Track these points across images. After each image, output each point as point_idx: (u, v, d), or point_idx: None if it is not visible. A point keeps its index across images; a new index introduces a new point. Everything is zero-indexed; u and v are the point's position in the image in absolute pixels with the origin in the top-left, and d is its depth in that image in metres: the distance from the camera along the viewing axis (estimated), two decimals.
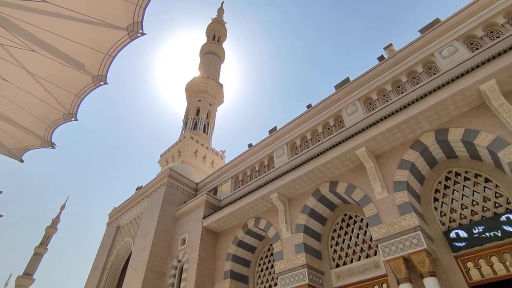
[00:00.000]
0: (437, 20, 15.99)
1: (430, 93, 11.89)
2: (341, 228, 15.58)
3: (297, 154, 19.37)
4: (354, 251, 14.40)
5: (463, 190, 12.28)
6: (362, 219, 14.88)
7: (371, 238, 13.58)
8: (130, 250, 22.77)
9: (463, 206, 11.96)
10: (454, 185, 12.63)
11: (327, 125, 19.00)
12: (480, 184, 11.98)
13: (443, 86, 11.62)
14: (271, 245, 17.68)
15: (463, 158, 12.63)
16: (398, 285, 10.85)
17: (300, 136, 19.92)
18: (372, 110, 16.80)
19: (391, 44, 18.18)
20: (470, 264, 10.88)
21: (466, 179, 12.44)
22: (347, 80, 18.76)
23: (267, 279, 17.41)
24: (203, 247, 18.65)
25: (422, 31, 16.24)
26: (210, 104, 49.44)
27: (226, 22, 68.50)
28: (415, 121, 12.44)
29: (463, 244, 11.04)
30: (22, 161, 9.90)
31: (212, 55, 59.36)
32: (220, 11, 71.80)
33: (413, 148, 12.85)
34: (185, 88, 52.35)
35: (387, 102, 16.15)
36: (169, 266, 19.39)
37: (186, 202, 22.62)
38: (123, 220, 25.71)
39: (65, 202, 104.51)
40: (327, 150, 14.43)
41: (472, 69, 11.02)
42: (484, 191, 11.74)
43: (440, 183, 13.06)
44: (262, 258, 18.63)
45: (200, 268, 17.62)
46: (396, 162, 13.07)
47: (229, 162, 24.21)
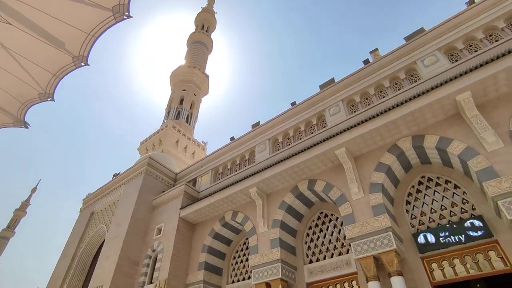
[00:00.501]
0: (422, 30, 16.46)
1: (410, 99, 12.26)
2: (316, 225, 15.91)
3: (278, 150, 19.52)
4: (328, 248, 14.77)
5: (434, 195, 12.82)
6: (337, 218, 15.25)
7: (345, 237, 13.95)
8: (103, 238, 22.32)
9: (433, 210, 12.50)
10: (426, 189, 13.15)
11: (309, 123, 19.23)
12: (449, 190, 12.55)
13: (423, 94, 12.01)
14: (247, 238, 17.81)
15: (436, 164, 13.16)
16: (367, 282, 11.23)
17: (282, 132, 20.07)
18: (354, 112, 17.15)
19: (377, 49, 18.56)
20: (434, 265, 11.42)
21: (437, 184, 12.98)
22: (332, 80, 19.02)
23: (241, 272, 17.57)
24: (179, 237, 18.54)
25: (407, 38, 16.67)
26: (195, 95, 48.77)
27: (216, 12, 67.46)
28: (394, 125, 12.81)
29: (429, 246, 11.56)
30: None
31: (199, 44, 58.38)
32: (211, 0, 70.55)
33: (390, 152, 13.25)
34: (170, 76, 51.31)
35: (369, 105, 16.51)
36: (143, 255, 19.16)
37: (164, 192, 22.36)
38: (98, 206, 25.11)
39: (36, 185, 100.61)
40: (308, 148, 14.63)
41: (451, 79, 11.45)
42: (453, 197, 12.32)
43: (413, 187, 13.57)
44: (237, 251, 18.76)
45: (174, 258, 17.53)
46: (374, 164, 13.44)
47: (210, 154, 24.08)
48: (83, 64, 7.76)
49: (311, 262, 14.95)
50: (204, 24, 63.52)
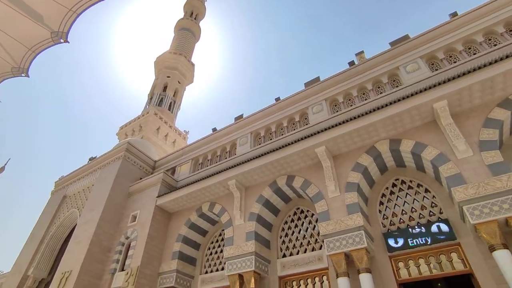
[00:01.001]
0: (406, 36, 16.87)
1: (391, 104, 12.62)
2: (292, 220, 16.18)
3: (260, 144, 19.60)
4: (302, 243, 15.08)
5: (406, 197, 13.34)
6: (312, 214, 15.56)
7: (319, 233, 14.28)
8: (75, 222, 21.73)
9: (403, 212, 13.02)
10: (399, 192, 13.66)
11: (292, 120, 19.39)
12: (420, 193, 13.09)
13: (403, 99, 12.39)
14: (223, 230, 17.88)
15: (410, 168, 13.67)
16: (337, 278, 11.60)
17: (265, 127, 20.15)
18: (337, 112, 17.44)
19: (362, 52, 18.89)
20: (401, 264, 11.95)
21: (409, 187, 13.50)
22: (318, 79, 19.21)
23: (215, 263, 17.65)
24: (154, 225, 18.34)
25: (392, 44, 17.06)
26: (179, 82, 47.93)
27: (206, 0, 66.19)
28: (374, 128, 13.15)
29: (398, 245, 12.05)
30: None
31: (187, 32, 57.22)
32: None
33: (368, 153, 13.62)
34: (154, 61, 50.09)
35: (351, 106, 16.83)
36: (116, 242, 18.83)
37: (141, 179, 21.99)
38: (71, 190, 24.38)
39: (5, 164, 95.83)
40: (290, 144, 14.79)
41: (430, 87, 11.86)
42: (423, 200, 12.86)
43: (387, 188, 14.05)
44: (212, 242, 18.81)
45: (148, 247, 17.34)
46: (351, 164, 13.78)
47: (191, 143, 23.84)
48: (62, 40, 7.43)
49: (284, 256, 15.23)
50: (193, 11, 62.27)
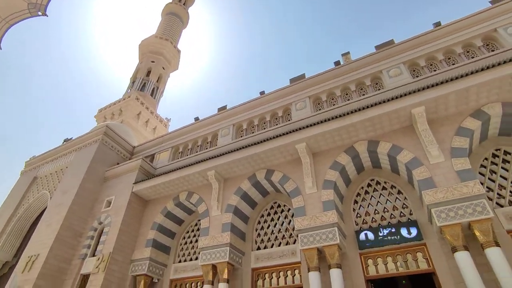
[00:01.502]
0: (391, 41, 17.29)
1: (372, 106, 12.95)
2: (269, 214, 16.40)
3: (241, 137, 19.61)
4: (276, 237, 15.34)
5: (379, 197, 13.83)
6: (289, 209, 15.83)
7: (294, 228, 14.57)
8: (45, 205, 21.02)
9: (376, 211, 13.50)
10: (373, 192, 14.13)
11: (275, 115, 19.49)
12: (393, 194, 13.61)
13: (384, 102, 12.73)
14: (199, 220, 17.85)
15: (386, 169, 14.14)
16: (308, 272, 11.92)
17: (247, 120, 20.15)
18: (319, 110, 17.69)
19: (348, 52, 19.21)
20: (370, 261, 12.43)
21: (384, 188, 13.99)
22: (303, 76, 19.36)
23: (189, 253, 17.66)
24: (129, 212, 18.05)
25: (377, 47, 17.42)
26: (163, 68, 46.85)
27: None
28: (354, 128, 13.47)
29: (368, 243, 12.52)
30: None
31: (174, 17, 55.80)
32: None
33: (346, 153, 13.95)
34: (139, 44, 48.62)
35: (334, 105, 17.12)
36: (88, 227, 18.40)
37: (118, 164, 21.50)
38: (43, 171, 23.49)
39: None
40: (271, 139, 14.89)
41: (410, 93, 12.27)
42: (395, 201, 13.38)
43: (362, 188, 14.49)
44: (188, 232, 18.77)
45: (122, 233, 17.07)
46: (330, 162, 14.08)
47: (172, 131, 23.50)
48: (40, 13, 7.08)
49: (259, 248, 15.45)
50: None
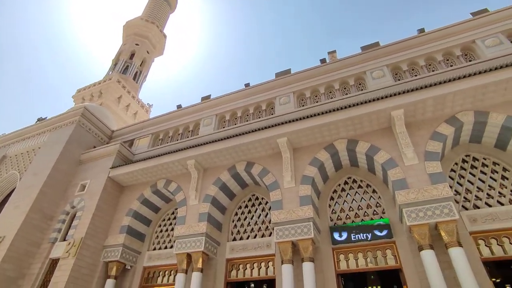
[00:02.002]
0: (377, 43, 17.64)
1: (355, 105, 13.22)
2: (246, 206, 16.53)
3: (224, 127, 19.53)
4: (253, 229, 15.51)
5: (355, 195, 14.25)
6: (266, 202, 16.01)
7: (270, 221, 14.77)
8: (14, 185, 20.16)
9: (351, 208, 13.91)
10: (349, 189, 14.53)
11: (259, 108, 19.51)
12: (368, 193, 14.05)
13: (366, 103, 13.04)
14: (176, 209, 17.73)
15: (363, 168, 14.54)
16: (282, 264, 12.17)
17: (231, 111, 20.06)
18: (303, 106, 17.86)
19: (334, 51, 19.47)
20: (341, 256, 12.86)
21: (359, 186, 14.41)
22: (288, 71, 19.43)
23: (165, 241, 17.55)
24: (104, 197, 17.64)
25: (363, 48, 17.72)
26: (148, 52, 45.57)
27: None
28: (335, 126, 13.73)
29: (341, 239, 12.91)
30: None
31: (162, 0, 54.18)
32: None
33: (326, 150, 14.22)
34: (124, 25, 46.96)
35: (317, 102, 17.35)
36: (60, 210, 17.85)
37: (95, 147, 20.89)
38: (12, 150, 22.46)
39: None
40: (253, 131, 14.93)
41: (391, 95, 12.63)
42: (370, 199, 13.84)
43: (339, 185, 14.86)
44: (164, 220, 18.61)
45: (95, 218, 16.69)
46: (309, 158, 14.31)
47: (153, 117, 23.04)
48: None
49: (234, 240, 15.58)
50: None
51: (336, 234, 13.09)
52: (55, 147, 19.63)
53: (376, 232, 12.51)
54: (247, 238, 15.31)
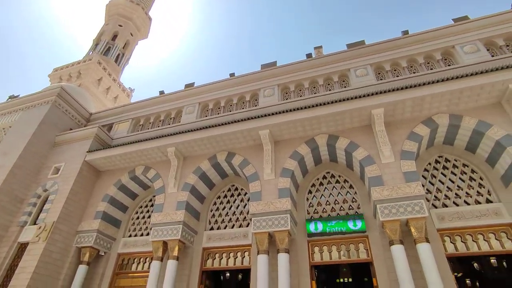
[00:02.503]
0: (362, 42, 17.89)
1: (337, 102, 13.43)
2: (225, 196, 16.57)
3: (206, 116, 19.34)
4: (230, 219, 15.59)
5: (332, 190, 14.59)
6: (246, 193, 16.11)
7: (248, 212, 14.90)
8: None
9: (328, 202, 14.25)
10: (327, 184, 14.85)
11: (242, 98, 19.42)
12: (345, 188, 14.42)
13: (348, 100, 13.27)
14: (154, 196, 17.52)
15: (341, 164, 14.87)
16: (258, 254, 12.34)
17: (214, 100, 19.87)
18: (286, 99, 17.95)
19: (321, 46, 19.61)
20: (316, 249, 13.19)
21: (337, 181, 14.76)
22: (274, 64, 19.40)
23: (141, 228, 17.35)
24: (79, 181, 17.14)
25: (348, 46, 17.94)
26: (132, 35, 44.02)
27: None
28: (317, 121, 13.92)
29: (317, 231, 13.23)
30: None
31: None
32: None
33: (307, 144, 14.42)
34: (106, 4, 45.03)
35: (300, 97, 17.47)
36: (31, 193, 17.21)
37: (72, 130, 20.18)
38: None
39: None
40: (236, 122, 14.89)
41: (373, 94, 12.91)
42: (346, 194, 14.22)
43: (317, 179, 15.15)
44: (141, 207, 18.37)
45: (69, 202, 16.22)
46: (290, 151, 14.47)
47: (135, 102, 22.48)
48: None
49: (212, 229, 15.63)
50: None
51: (312, 227, 13.39)
52: (28, 127, 18.80)
53: (350, 226, 12.89)
54: (225, 228, 15.40)
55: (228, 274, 16.69)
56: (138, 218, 17.96)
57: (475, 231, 11.55)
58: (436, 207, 12.52)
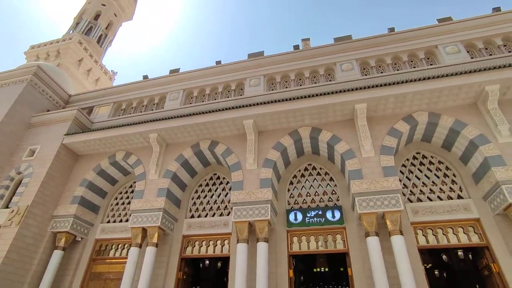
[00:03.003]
0: (349, 36, 18.00)
1: (322, 94, 13.56)
2: (207, 184, 16.54)
3: (190, 104, 19.05)
4: (211, 207, 15.62)
5: (313, 182, 14.85)
6: (227, 182, 16.14)
7: (229, 200, 14.94)
8: None
9: (308, 194, 14.51)
10: (309, 176, 15.09)
11: (228, 87, 19.23)
12: (326, 180, 14.71)
13: (333, 93, 13.42)
14: (135, 182, 17.26)
15: (323, 156, 15.12)
16: (237, 243, 12.47)
17: (199, 88, 19.57)
18: (272, 90, 17.93)
19: (308, 39, 19.59)
20: (295, 239, 13.47)
21: (318, 174, 15.02)
22: (261, 53, 19.25)
23: (120, 214, 17.10)
24: (56, 164, 16.60)
25: (335, 40, 18.02)
26: (115, 15, 42.38)
27: None
28: (301, 113, 14.02)
29: (296, 222, 13.48)
30: None
31: None
32: None
33: (290, 136, 14.53)
34: None
35: (286, 88, 17.48)
36: (3, 175, 16.55)
37: (49, 111, 19.42)
38: None
39: None
40: (220, 110, 14.78)
41: (357, 89, 13.12)
42: (327, 187, 14.51)
43: (299, 171, 15.36)
44: (121, 193, 18.07)
45: (44, 186, 15.72)
46: (273, 142, 14.56)
47: (117, 85, 21.80)
48: None
49: (192, 217, 15.62)
50: None
51: (291, 217, 13.64)
52: (1, 106, 17.92)
53: (329, 217, 13.22)
54: (205, 216, 15.42)
55: (207, 262, 16.78)
56: (117, 204, 17.68)
57: (446, 225, 12.12)
58: (411, 201, 13.00)
